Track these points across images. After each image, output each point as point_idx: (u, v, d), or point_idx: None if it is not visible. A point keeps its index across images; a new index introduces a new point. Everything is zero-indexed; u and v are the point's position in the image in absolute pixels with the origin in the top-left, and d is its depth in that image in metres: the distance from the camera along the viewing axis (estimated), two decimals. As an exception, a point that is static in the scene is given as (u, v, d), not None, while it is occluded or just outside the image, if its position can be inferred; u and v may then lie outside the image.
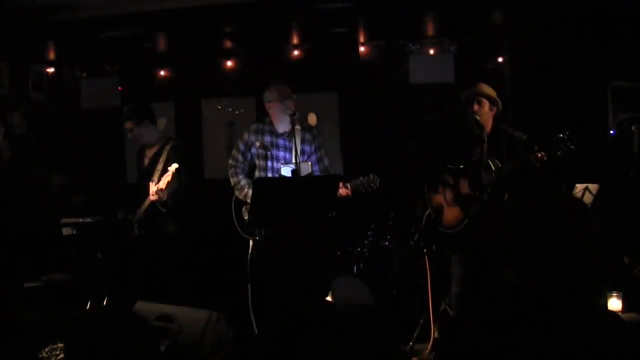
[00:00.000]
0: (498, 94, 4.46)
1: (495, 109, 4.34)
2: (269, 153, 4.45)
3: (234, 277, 4.77)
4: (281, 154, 4.51)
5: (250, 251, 4.56)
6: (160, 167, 4.72)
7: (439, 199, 4.48)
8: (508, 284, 1.72)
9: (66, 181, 7.11)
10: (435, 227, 4.57)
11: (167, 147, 4.80)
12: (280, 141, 4.53)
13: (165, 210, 4.70)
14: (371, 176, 4.22)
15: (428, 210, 4.58)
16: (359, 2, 5.37)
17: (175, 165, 4.61)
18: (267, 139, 4.53)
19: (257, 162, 4.61)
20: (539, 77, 5.86)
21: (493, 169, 4.12)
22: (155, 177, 4.69)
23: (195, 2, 5.35)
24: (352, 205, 5.38)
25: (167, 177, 4.59)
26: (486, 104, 4.31)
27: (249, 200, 4.36)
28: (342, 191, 4.28)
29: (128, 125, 4.86)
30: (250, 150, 4.63)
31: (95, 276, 4.99)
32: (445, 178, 4.42)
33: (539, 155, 3.87)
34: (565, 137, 3.82)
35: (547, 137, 3.89)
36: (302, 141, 4.32)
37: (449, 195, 4.41)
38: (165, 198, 4.65)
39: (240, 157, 4.64)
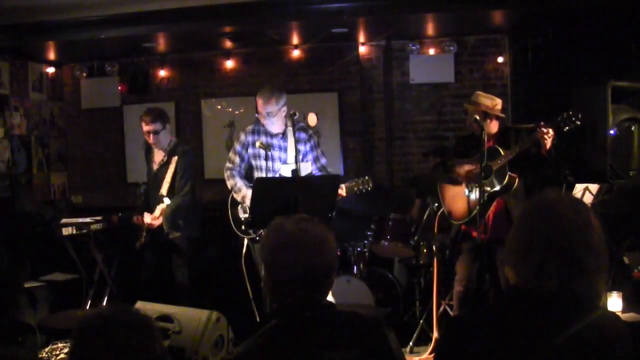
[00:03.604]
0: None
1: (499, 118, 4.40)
2: (268, 153, 4.45)
3: (232, 277, 4.76)
4: (277, 154, 4.52)
5: (244, 250, 4.56)
6: (169, 179, 4.70)
7: (450, 194, 4.48)
8: (509, 283, 1.72)
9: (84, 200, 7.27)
10: (446, 225, 4.58)
11: (174, 159, 4.73)
12: (276, 141, 4.54)
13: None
14: (365, 178, 4.26)
15: (442, 209, 4.58)
16: (359, 2, 5.36)
17: (167, 202, 4.65)
18: (263, 139, 4.52)
19: (254, 162, 4.61)
20: (539, 77, 5.85)
21: (502, 153, 4.16)
22: (163, 190, 4.69)
23: (195, 2, 5.34)
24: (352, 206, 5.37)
25: (159, 210, 4.66)
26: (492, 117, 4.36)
27: (247, 202, 4.37)
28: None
29: (156, 126, 4.75)
30: (247, 151, 4.62)
31: (95, 276, 4.98)
32: (457, 170, 4.44)
33: (546, 130, 3.91)
34: (570, 113, 3.95)
35: (552, 118, 4.00)
36: (297, 141, 4.32)
37: (460, 186, 4.41)
38: (158, 224, 4.68)
39: (237, 160, 4.63)
